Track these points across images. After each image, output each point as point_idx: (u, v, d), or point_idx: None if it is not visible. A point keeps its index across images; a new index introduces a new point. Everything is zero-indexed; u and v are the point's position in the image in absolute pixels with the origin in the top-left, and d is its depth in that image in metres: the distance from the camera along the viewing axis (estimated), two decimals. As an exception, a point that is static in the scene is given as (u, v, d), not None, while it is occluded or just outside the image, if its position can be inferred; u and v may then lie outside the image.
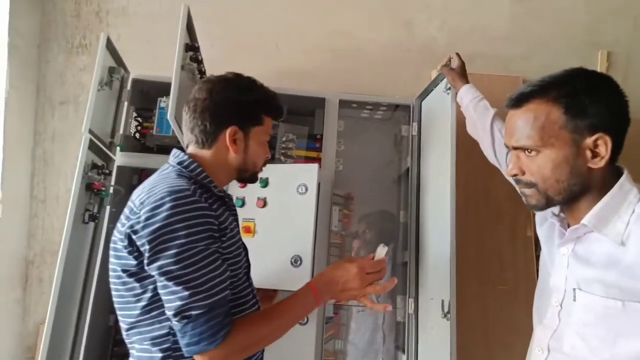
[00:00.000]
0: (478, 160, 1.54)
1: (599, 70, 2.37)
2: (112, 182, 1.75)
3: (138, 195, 1.03)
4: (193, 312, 0.94)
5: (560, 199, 0.94)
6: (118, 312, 1.07)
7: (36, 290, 2.12)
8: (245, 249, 1.23)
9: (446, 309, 1.50)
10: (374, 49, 2.33)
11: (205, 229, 0.98)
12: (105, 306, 1.76)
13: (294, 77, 2.27)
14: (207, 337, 0.95)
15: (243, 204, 1.69)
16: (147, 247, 0.96)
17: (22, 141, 2.10)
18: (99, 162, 1.66)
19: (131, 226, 0.98)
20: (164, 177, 1.06)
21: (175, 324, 0.96)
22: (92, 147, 1.56)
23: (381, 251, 1.16)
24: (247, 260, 1.23)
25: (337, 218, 1.92)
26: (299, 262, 1.57)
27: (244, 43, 2.27)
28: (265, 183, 1.69)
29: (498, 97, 2.04)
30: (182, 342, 0.97)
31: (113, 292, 1.06)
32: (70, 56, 2.17)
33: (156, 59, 2.22)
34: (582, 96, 0.89)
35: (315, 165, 1.68)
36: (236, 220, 1.22)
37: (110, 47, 1.67)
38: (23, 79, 2.07)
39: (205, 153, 1.13)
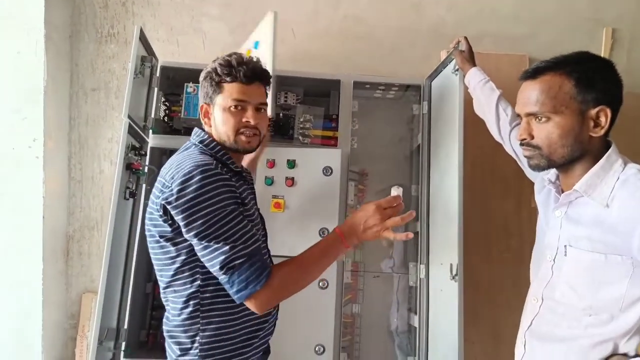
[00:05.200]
0: (486, 138, 1.66)
1: (603, 46, 2.46)
2: (147, 162, 1.91)
3: (167, 171, 1.15)
4: (236, 262, 1.08)
5: (561, 162, 1.08)
6: (157, 274, 1.23)
7: (77, 263, 2.32)
8: (262, 220, 1.37)
9: (454, 272, 1.65)
10: (385, 32, 2.43)
11: (230, 196, 1.12)
12: (143, 275, 1.94)
13: (309, 61, 2.39)
14: (253, 280, 1.08)
15: (272, 182, 1.87)
16: (181, 216, 1.09)
17: (60, 126, 2.26)
18: (136, 144, 1.81)
19: (165, 198, 1.11)
20: (189, 154, 1.19)
21: (223, 277, 1.10)
22: (130, 130, 1.71)
23: (395, 190, 1.21)
24: (264, 230, 1.38)
25: (353, 193, 2.08)
26: (326, 233, 1.74)
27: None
28: (292, 164, 1.86)
29: (505, 75, 2.15)
30: (232, 291, 1.10)
31: (152, 257, 1.22)
32: (99, 45, 2.31)
33: (179, 46, 2.35)
34: (592, 72, 1.04)
35: (339, 151, 1.89)
36: (253, 193, 1.35)
37: (142, 38, 1.80)
38: (58, 68, 2.22)
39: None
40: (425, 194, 2.03)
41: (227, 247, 1.08)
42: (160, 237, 1.17)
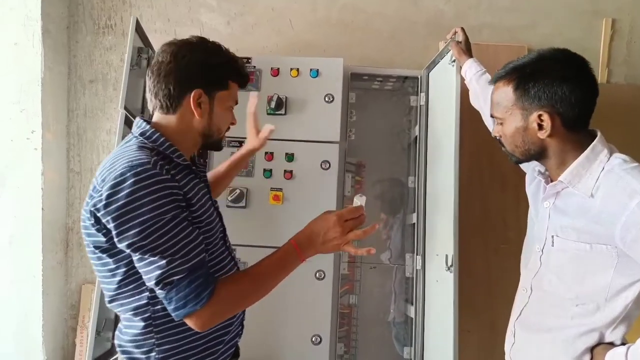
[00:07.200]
0: (483, 130, 1.66)
1: (602, 37, 2.43)
2: (144, 154, 1.91)
3: (100, 171, 1.01)
4: (174, 278, 0.96)
5: (523, 158, 1.15)
6: (101, 286, 1.11)
7: (76, 254, 2.33)
8: (219, 214, 1.25)
9: (450, 263, 1.66)
10: (383, 22, 2.41)
11: (169, 200, 0.98)
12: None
13: (307, 51, 2.38)
14: (192, 299, 0.97)
15: (271, 175, 1.89)
16: (112, 224, 0.96)
17: (58, 118, 2.26)
18: (133, 136, 1.81)
19: (94, 204, 0.98)
20: (124, 150, 1.04)
21: (159, 292, 0.98)
22: (127, 122, 1.72)
23: (358, 200, 1.14)
24: (222, 225, 1.24)
25: (350, 184, 2.09)
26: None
27: (258, 20, 2.37)
28: (291, 158, 1.88)
29: (503, 67, 2.11)
30: (169, 308, 0.98)
31: (93, 267, 1.09)
32: (97, 37, 2.31)
33: (177, 37, 2.33)
34: (528, 80, 1.06)
35: (337, 145, 1.91)
36: (205, 187, 1.19)
37: (139, 29, 1.80)
38: (56, 61, 2.22)
39: (171, 119, 1.10)
40: (422, 186, 2.04)
41: (164, 262, 0.95)
42: (96, 247, 1.03)
